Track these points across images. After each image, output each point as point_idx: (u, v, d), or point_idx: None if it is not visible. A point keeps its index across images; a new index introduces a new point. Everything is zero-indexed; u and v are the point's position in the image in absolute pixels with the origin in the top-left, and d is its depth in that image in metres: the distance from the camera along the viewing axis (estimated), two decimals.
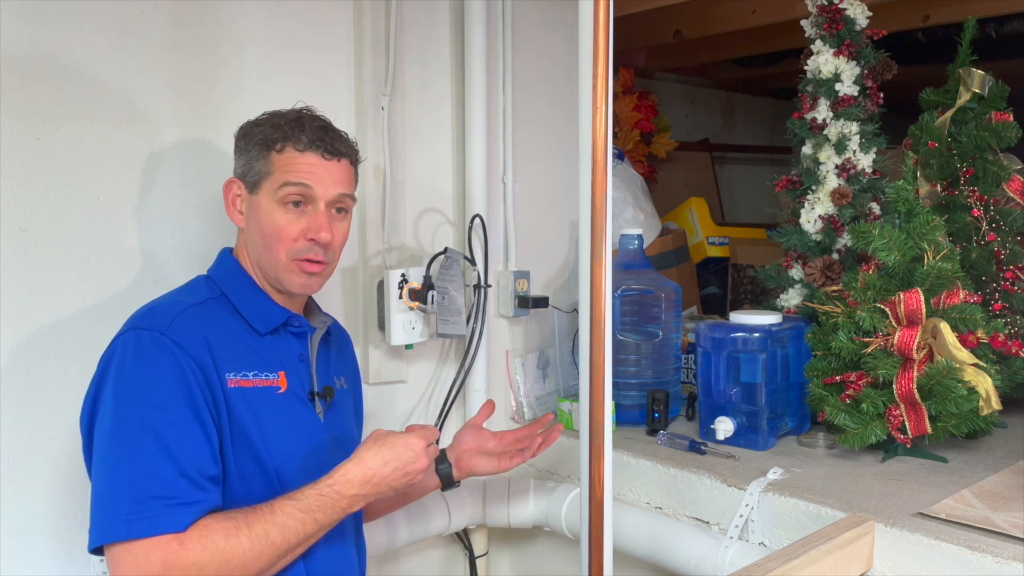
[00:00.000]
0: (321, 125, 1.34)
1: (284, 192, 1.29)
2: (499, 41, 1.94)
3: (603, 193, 1.00)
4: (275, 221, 1.30)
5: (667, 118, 3.27)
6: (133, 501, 1.10)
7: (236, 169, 1.36)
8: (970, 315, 1.56)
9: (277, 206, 1.30)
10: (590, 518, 1.05)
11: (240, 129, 1.37)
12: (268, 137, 1.31)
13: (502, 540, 2.04)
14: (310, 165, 1.30)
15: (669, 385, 1.89)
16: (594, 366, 1.03)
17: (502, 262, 1.98)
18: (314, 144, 1.31)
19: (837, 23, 1.83)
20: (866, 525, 1.30)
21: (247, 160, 1.33)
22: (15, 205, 1.37)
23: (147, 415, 1.15)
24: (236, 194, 1.35)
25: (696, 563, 1.48)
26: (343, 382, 1.46)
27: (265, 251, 1.31)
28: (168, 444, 1.14)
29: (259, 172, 1.31)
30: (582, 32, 1.00)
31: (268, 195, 1.30)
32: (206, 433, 1.18)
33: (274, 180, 1.30)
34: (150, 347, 1.18)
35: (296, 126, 1.31)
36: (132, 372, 1.18)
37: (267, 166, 1.31)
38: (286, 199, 1.30)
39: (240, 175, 1.34)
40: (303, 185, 1.30)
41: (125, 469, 1.12)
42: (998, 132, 1.84)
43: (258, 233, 1.32)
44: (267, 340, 1.32)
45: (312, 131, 1.31)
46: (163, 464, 1.13)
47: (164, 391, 1.16)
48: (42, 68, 1.39)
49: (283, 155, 1.30)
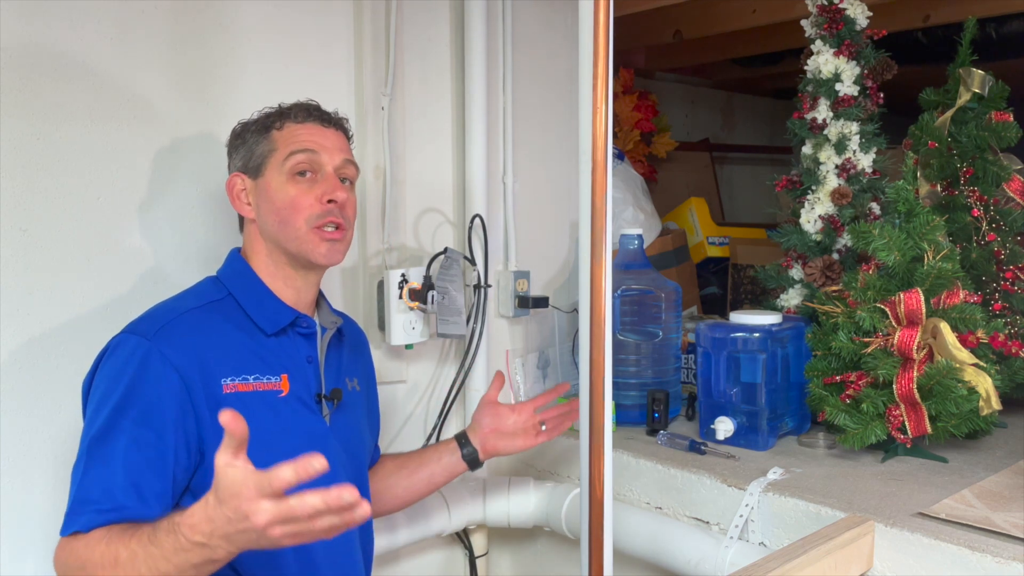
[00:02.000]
0: (311, 103, 1.39)
1: (292, 162, 1.31)
2: (499, 41, 1.94)
3: (603, 193, 1.00)
4: (287, 193, 1.31)
5: (667, 118, 3.27)
6: (75, 501, 1.14)
7: (235, 165, 1.38)
8: (970, 315, 1.56)
9: (286, 179, 1.31)
10: (590, 518, 1.05)
11: (231, 132, 1.40)
12: (264, 122, 1.35)
13: (502, 540, 2.04)
14: (311, 132, 1.34)
15: (669, 385, 1.89)
16: (594, 366, 1.03)
17: (502, 262, 1.98)
18: (311, 115, 1.36)
19: (837, 23, 1.83)
20: (866, 525, 1.30)
21: (246, 150, 1.35)
22: (15, 205, 1.37)
23: (109, 420, 1.16)
24: (241, 188, 1.36)
25: (696, 563, 1.48)
26: (355, 383, 1.44)
27: (282, 226, 1.31)
28: (115, 452, 1.14)
29: (261, 154, 1.33)
30: (582, 32, 1.00)
31: (275, 171, 1.32)
32: (160, 448, 1.16)
33: (279, 155, 1.32)
34: (130, 353, 1.19)
35: (288, 108, 1.37)
36: (109, 375, 1.20)
37: (269, 145, 1.33)
38: (295, 168, 1.31)
39: (241, 167, 1.36)
40: (310, 151, 1.32)
41: (80, 469, 1.16)
42: (998, 132, 1.84)
43: (271, 211, 1.32)
44: (272, 342, 1.31)
45: (304, 106, 1.37)
46: (105, 471, 1.14)
47: (130, 399, 1.17)
48: (42, 67, 1.39)
49: (283, 131, 1.33)
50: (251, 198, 1.35)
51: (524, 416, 1.57)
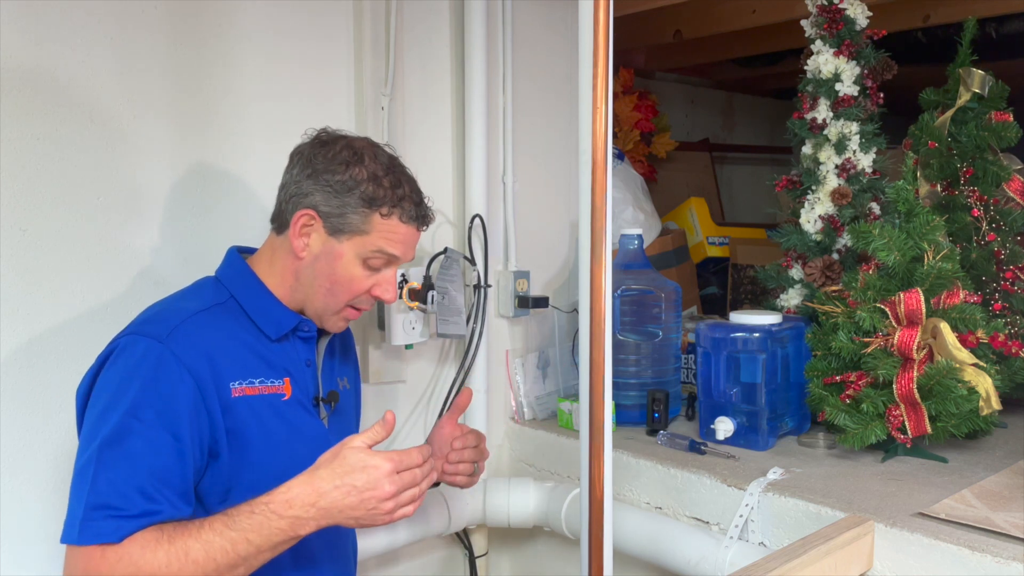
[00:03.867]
0: (416, 191, 1.32)
1: (376, 261, 1.29)
2: (499, 41, 1.94)
3: (603, 193, 1.00)
4: (351, 274, 1.29)
5: (667, 118, 3.27)
6: (88, 507, 1.10)
7: (316, 203, 1.27)
8: (970, 315, 1.56)
9: (359, 263, 1.29)
10: (590, 518, 1.05)
11: (319, 157, 1.28)
12: (373, 195, 1.26)
13: (502, 540, 2.04)
14: (406, 236, 1.31)
15: (669, 385, 1.89)
16: (594, 366, 1.03)
17: (502, 262, 1.98)
18: (415, 218, 1.31)
19: (837, 23, 1.83)
20: (866, 525, 1.30)
21: (339, 205, 1.26)
22: (15, 205, 1.37)
23: (123, 422, 1.13)
24: (308, 225, 1.28)
25: (696, 563, 1.48)
26: (345, 382, 1.45)
27: (325, 295, 1.30)
28: (134, 455, 1.12)
29: (353, 225, 1.27)
30: (582, 32, 1.00)
31: (355, 250, 1.28)
32: (179, 449, 1.15)
33: (368, 242, 1.28)
34: (142, 355, 1.17)
35: (397, 188, 1.28)
36: (120, 377, 1.17)
37: (366, 225, 1.27)
38: (373, 264, 1.30)
39: (324, 214, 1.27)
40: (396, 257, 1.31)
41: (91, 473, 1.12)
42: (998, 132, 1.84)
43: (326, 277, 1.29)
44: (275, 346, 1.31)
45: (412, 199, 1.30)
46: (123, 474, 1.11)
47: (145, 401, 1.15)
48: (42, 67, 1.39)
49: (387, 221, 1.28)
50: (312, 244, 1.29)
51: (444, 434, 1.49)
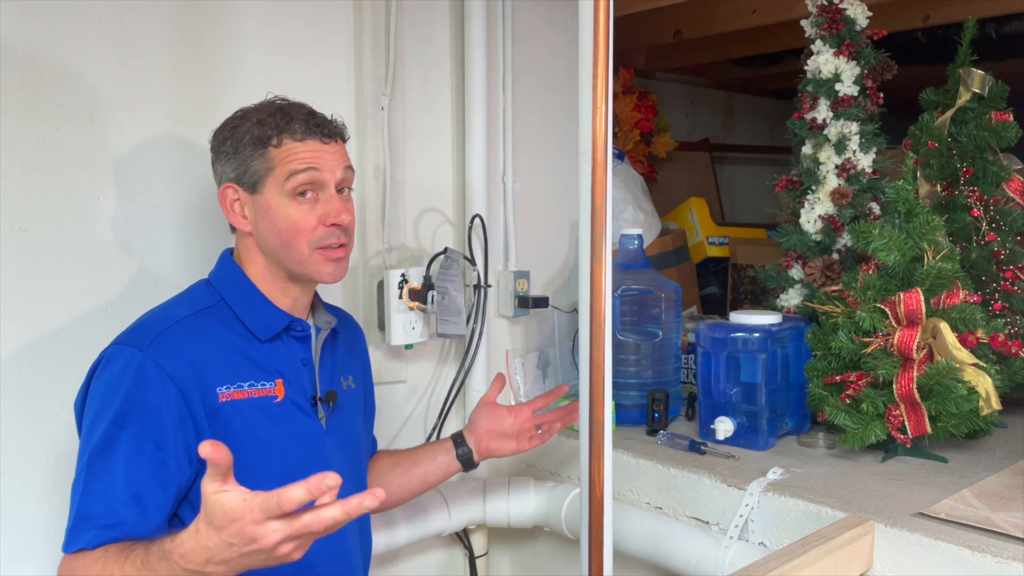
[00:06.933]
0: (308, 111, 1.31)
1: (293, 183, 1.26)
2: (499, 41, 1.94)
3: (603, 193, 1.00)
4: (289, 215, 1.26)
5: (667, 118, 3.27)
6: (78, 516, 1.13)
7: (227, 174, 1.30)
8: (970, 315, 1.56)
9: (287, 200, 1.26)
10: (590, 518, 1.05)
11: (216, 135, 1.32)
12: (259, 135, 1.26)
13: (502, 540, 2.04)
14: (312, 151, 1.27)
15: (669, 385, 1.89)
16: (594, 366, 1.03)
17: (502, 262, 1.98)
18: (311, 131, 1.27)
19: (837, 23, 1.83)
20: (866, 525, 1.30)
21: (240, 162, 1.28)
22: (15, 205, 1.37)
23: (109, 433, 1.15)
24: (234, 199, 1.30)
25: (696, 563, 1.48)
26: (350, 381, 1.43)
27: (285, 248, 1.28)
28: (116, 465, 1.14)
29: (258, 171, 1.27)
30: (582, 32, 1.00)
31: (275, 191, 1.26)
32: (161, 459, 1.16)
33: (278, 174, 1.26)
34: (124, 365, 1.18)
35: (284, 117, 1.27)
36: (104, 388, 1.18)
37: (266, 163, 1.26)
38: (296, 189, 1.26)
39: (235, 179, 1.29)
40: (312, 170, 1.26)
41: (82, 483, 1.15)
42: (998, 132, 1.84)
43: (272, 232, 1.28)
44: (267, 346, 1.30)
45: (302, 118, 1.28)
46: (106, 484, 1.13)
47: (129, 411, 1.16)
48: (42, 67, 1.39)
49: (281, 148, 1.26)
50: (247, 212, 1.30)
51: (521, 419, 1.56)
